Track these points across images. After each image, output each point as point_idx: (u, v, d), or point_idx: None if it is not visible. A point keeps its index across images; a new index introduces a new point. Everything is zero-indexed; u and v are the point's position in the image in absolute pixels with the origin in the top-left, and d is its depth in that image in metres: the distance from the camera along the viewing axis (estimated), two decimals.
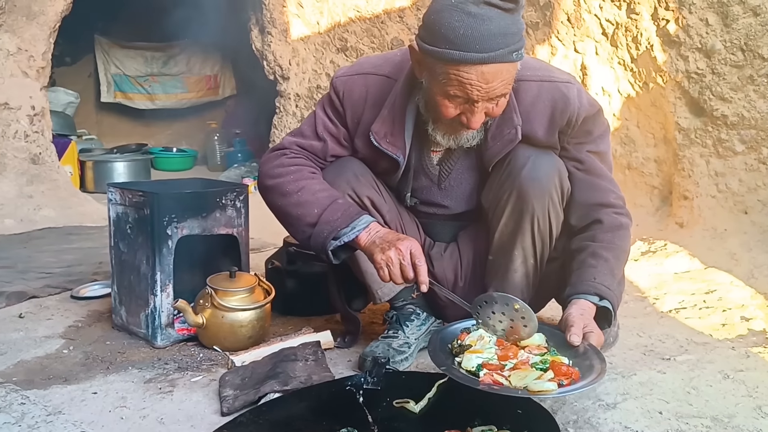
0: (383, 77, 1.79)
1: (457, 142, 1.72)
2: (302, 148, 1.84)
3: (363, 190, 1.82)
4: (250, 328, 2.04)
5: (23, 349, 2.05)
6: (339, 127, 1.83)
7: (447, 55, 1.47)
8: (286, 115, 5.07)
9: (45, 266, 3.06)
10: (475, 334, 1.57)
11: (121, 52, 7.96)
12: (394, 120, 1.75)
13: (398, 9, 4.13)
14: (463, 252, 1.93)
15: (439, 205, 1.90)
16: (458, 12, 1.44)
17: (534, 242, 1.77)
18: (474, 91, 1.50)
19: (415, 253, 1.60)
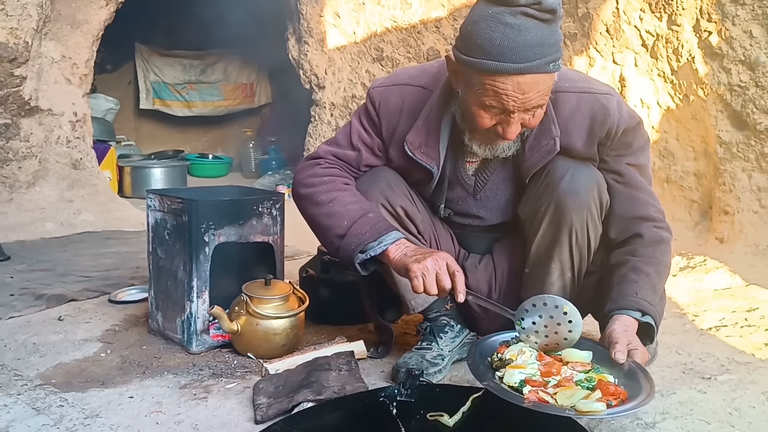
0: (419, 88, 1.79)
1: (493, 152, 1.71)
2: (337, 157, 1.85)
3: (396, 199, 1.82)
4: (283, 336, 2.05)
5: (62, 351, 2.08)
6: (374, 137, 1.84)
7: (483, 66, 1.47)
8: (321, 123, 5.11)
9: (84, 270, 3.11)
10: (516, 347, 1.55)
11: (160, 60, 8.10)
12: (429, 130, 1.75)
13: (435, 19, 4.13)
14: (498, 264, 1.92)
15: (474, 216, 1.90)
16: (495, 22, 1.44)
17: (572, 255, 1.75)
18: (510, 102, 1.49)
19: (451, 264, 1.59)
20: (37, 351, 2.08)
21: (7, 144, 3.89)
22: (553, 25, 1.46)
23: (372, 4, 4.47)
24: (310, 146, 5.24)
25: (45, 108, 4.02)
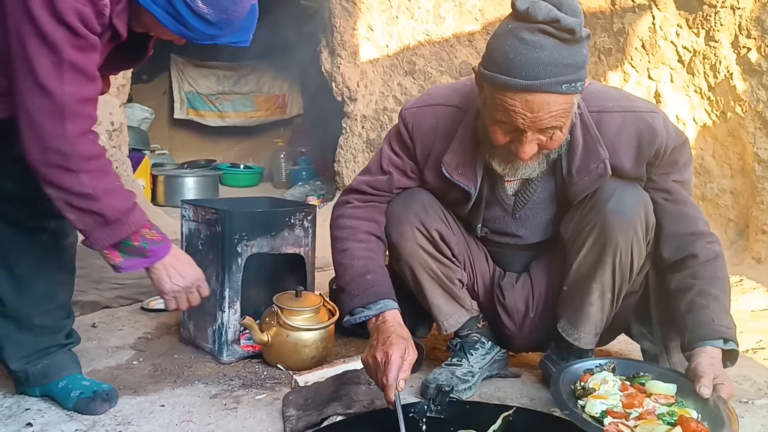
0: (453, 108, 1.79)
1: (515, 172, 1.69)
2: (370, 186, 1.85)
3: (431, 223, 1.81)
4: (313, 348, 2.05)
5: (95, 358, 2.11)
6: (405, 160, 1.83)
7: (494, 79, 1.47)
8: (352, 135, 5.13)
9: (117, 277, 3.15)
10: (599, 376, 1.56)
11: (195, 70, 8.23)
12: (466, 151, 1.73)
13: (467, 33, 4.13)
14: (536, 282, 1.90)
15: (512, 234, 1.87)
16: (511, 37, 1.44)
17: (614, 277, 1.73)
18: (518, 119, 1.48)
19: (388, 368, 1.47)
20: None
21: None
22: (574, 45, 1.44)
23: (405, 17, 4.49)
24: (341, 158, 5.27)
25: None
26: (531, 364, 2.15)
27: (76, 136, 1.40)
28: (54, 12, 1.30)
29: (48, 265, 1.75)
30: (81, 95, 1.39)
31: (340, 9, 4.97)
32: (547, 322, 1.89)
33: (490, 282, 1.96)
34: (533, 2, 1.41)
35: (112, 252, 1.52)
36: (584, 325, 1.80)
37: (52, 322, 1.78)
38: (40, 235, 1.72)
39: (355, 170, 5.09)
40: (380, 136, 4.87)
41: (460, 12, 4.14)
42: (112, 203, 1.46)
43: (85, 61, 1.38)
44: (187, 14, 1.40)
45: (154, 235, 1.56)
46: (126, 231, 1.49)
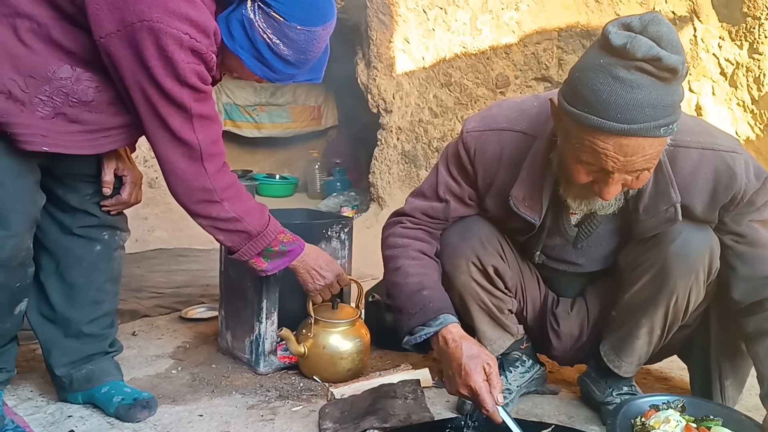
0: (520, 134, 1.66)
1: (590, 208, 1.61)
2: (423, 213, 1.78)
3: (488, 258, 1.76)
4: (349, 360, 2.06)
5: (135, 366, 2.15)
6: (464, 186, 1.73)
7: (583, 119, 1.33)
8: (387, 147, 5.15)
9: (156, 286, 3.21)
10: (663, 414, 1.50)
11: (232, 82, 8.34)
12: (534, 182, 1.62)
13: (504, 46, 4.12)
14: (591, 308, 1.86)
15: (571, 263, 1.81)
16: (604, 74, 1.30)
17: (666, 317, 1.68)
18: (609, 162, 1.36)
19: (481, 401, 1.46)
20: None
21: None
22: (672, 84, 1.31)
23: (442, 30, 4.50)
24: (376, 169, 5.28)
25: None
26: (569, 380, 2.12)
27: (214, 173, 1.60)
28: (177, 77, 1.45)
29: (98, 275, 1.79)
30: (211, 138, 1.58)
31: (377, 22, 5.00)
32: (593, 343, 1.87)
33: (541, 306, 1.92)
34: (631, 37, 1.28)
35: (257, 260, 1.78)
36: (627, 356, 1.77)
37: (98, 331, 1.82)
38: (94, 246, 1.77)
39: (390, 182, 5.10)
40: (415, 147, 4.87)
41: (497, 24, 4.13)
42: (253, 220, 1.71)
43: (208, 108, 1.55)
44: (271, 57, 1.53)
45: (288, 238, 1.82)
46: (267, 240, 1.75)
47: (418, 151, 4.78)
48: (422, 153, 4.80)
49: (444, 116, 4.59)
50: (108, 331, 1.85)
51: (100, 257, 1.78)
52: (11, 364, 1.68)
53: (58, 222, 1.73)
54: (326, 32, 1.57)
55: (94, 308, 1.80)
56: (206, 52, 1.47)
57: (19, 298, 1.58)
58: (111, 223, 1.79)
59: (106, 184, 1.72)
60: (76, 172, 1.69)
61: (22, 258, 1.52)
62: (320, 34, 1.54)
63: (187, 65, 1.45)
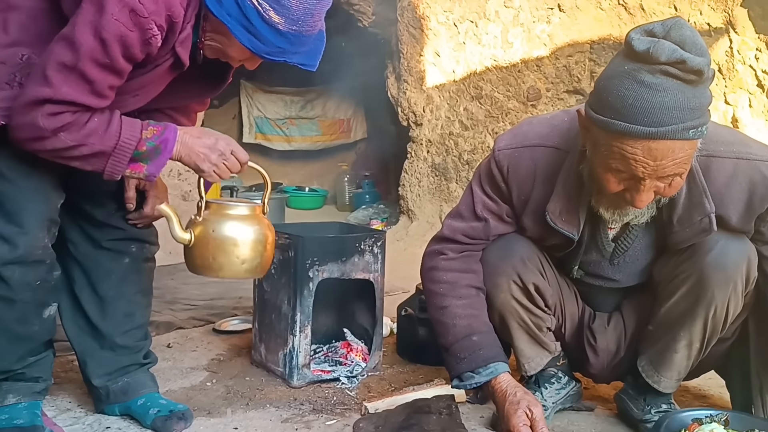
0: (552, 149, 1.66)
1: (623, 218, 1.60)
2: (465, 235, 1.77)
3: (529, 276, 1.75)
4: (245, 250, 1.66)
5: (171, 378, 2.17)
6: (500, 204, 1.73)
7: (611, 125, 1.35)
8: (417, 160, 5.15)
9: (190, 298, 3.24)
10: (707, 427, 1.49)
11: (263, 96, 8.45)
12: (569, 196, 1.63)
13: (536, 58, 4.11)
14: (628, 323, 1.84)
15: (607, 278, 1.79)
16: (630, 80, 1.33)
17: (704, 329, 1.65)
18: (639, 168, 1.37)
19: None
20: None
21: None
22: (699, 86, 1.33)
23: (473, 43, 4.51)
24: (405, 182, 5.29)
25: None
26: (604, 397, 2.09)
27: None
28: (96, 28, 1.32)
29: (128, 287, 1.81)
30: (74, 98, 1.38)
31: (408, 36, 5.03)
32: (630, 359, 1.84)
33: (579, 322, 1.90)
34: (654, 42, 1.31)
35: (134, 168, 1.51)
36: (666, 371, 1.74)
37: (132, 343, 1.84)
38: (122, 258, 1.79)
39: (420, 195, 5.10)
40: (445, 160, 4.87)
41: (529, 37, 4.12)
42: (99, 140, 1.45)
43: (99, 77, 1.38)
44: (260, 24, 1.41)
45: (152, 132, 1.52)
46: (128, 148, 1.48)
47: (448, 163, 4.78)
48: (452, 166, 4.79)
49: (474, 129, 4.59)
50: (142, 343, 1.87)
51: (129, 270, 1.80)
52: (47, 373, 1.71)
53: (88, 236, 1.76)
54: (321, 7, 1.47)
55: (126, 320, 1.82)
56: (147, 17, 1.33)
57: (44, 300, 1.59)
58: (138, 236, 1.81)
59: (128, 200, 1.73)
60: (100, 188, 1.70)
61: (39, 256, 1.54)
62: (315, 7, 1.45)
63: (116, 22, 1.32)
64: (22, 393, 1.66)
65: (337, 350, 2.30)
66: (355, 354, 2.26)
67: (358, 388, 2.12)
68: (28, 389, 1.67)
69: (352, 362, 2.23)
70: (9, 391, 1.65)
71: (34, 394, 1.66)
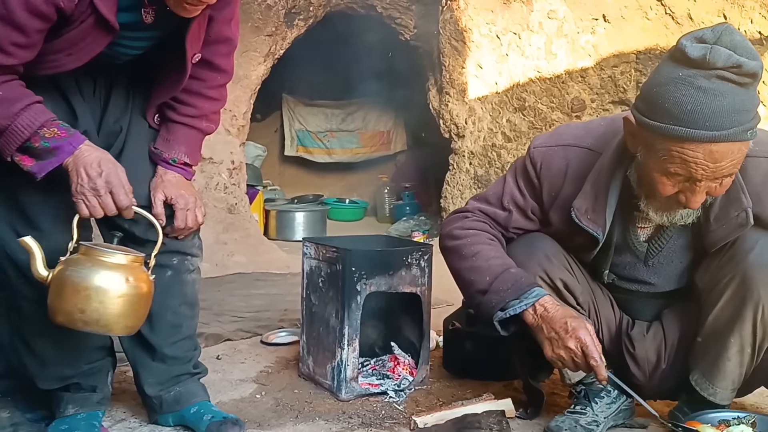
0: (585, 150, 1.72)
1: (671, 219, 1.61)
2: (485, 214, 1.83)
3: (555, 272, 1.76)
4: (102, 301, 1.45)
5: (221, 390, 2.19)
6: (528, 199, 1.79)
7: (671, 132, 1.39)
8: (459, 172, 5.15)
9: (236, 310, 3.29)
10: (735, 429, 1.47)
11: (305, 109, 8.55)
12: (597, 195, 1.66)
13: (580, 69, 4.08)
14: (668, 332, 1.81)
15: (643, 282, 1.79)
16: (686, 86, 1.37)
17: (754, 332, 1.62)
18: (699, 171, 1.41)
19: (588, 352, 1.56)
20: None
21: None
22: (750, 88, 1.38)
23: (516, 55, 4.50)
24: (448, 194, 5.29)
25: (207, 156, 4.35)
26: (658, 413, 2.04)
27: None
28: None
29: (172, 299, 1.82)
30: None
31: (450, 48, 5.04)
32: (678, 372, 1.80)
33: (617, 330, 1.88)
34: (708, 48, 1.35)
35: (23, 159, 1.47)
36: (720, 381, 1.70)
37: (181, 353, 1.87)
38: (165, 271, 1.79)
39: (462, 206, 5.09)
40: (488, 172, 4.85)
41: (573, 48, 4.10)
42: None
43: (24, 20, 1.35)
44: None
45: (55, 133, 1.46)
46: (21, 136, 1.43)
47: (491, 175, 4.76)
48: (495, 177, 4.77)
49: (518, 141, 4.57)
50: (191, 354, 1.89)
51: (172, 282, 1.81)
52: (104, 383, 1.74)
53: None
54: None
55: (174, 332, 1.84)
56: None
57: None
58: (179, 248, 1.80)
59: (157, 216, 1.68)
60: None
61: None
62: None
63: None
64: (80, 404, 1.70)
65: (384, 364, 2.30)
66: (402, 368, 2.26)
67: (406, 402, 2.11)
68: (86, 400, 1.71)
69: (399, 376, 2.23)
70: (69, 402, 1.69)
71: (93, 405, 1.71)
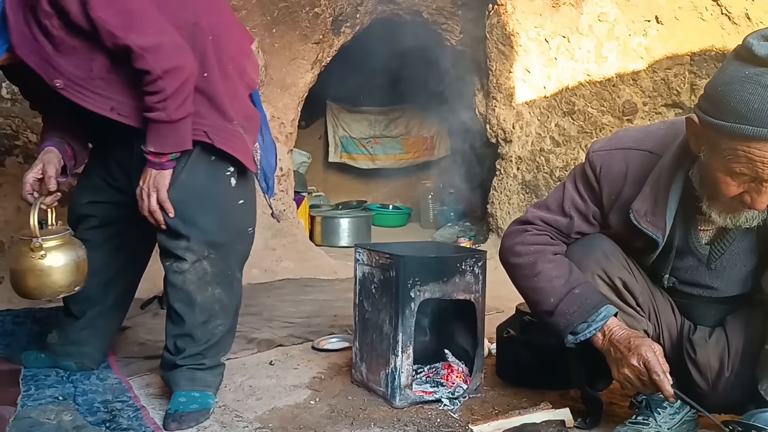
0: (645, 152, 1.71)
1: (735, 221, 1.58)
2: (546, 222, 1.82)
3: (614, 270, 1.74)
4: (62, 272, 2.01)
5: (276, 396, 2.21)
6: (589, 204, 1.78)
7: (737, 131, 1.37)
8: (506, 177, 5.09)
9: (287, 315, 3.31)
10: None
11: (348, 116, 8.60)
12: (657, 198, 1.65)
13: (632, 72, 4.00)
14: (732, 339, 1.76)
15: (705, 286, 1.76)
16: (752, 84, 1.35)
17: None
18: (766, 170, 1.38)
19: (650, 367, 1.56)
20: (254, 394, 2.22)
21: None
22: None
23: (565, 58, 4.43)
24: (495, 199, 5.24)
25: None
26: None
27: None
28: None
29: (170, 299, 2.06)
30: None
31: (497, 53, 5.00)
32: (744, 383, 1.74)
33: (678, 335, 1.84)
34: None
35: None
36: None
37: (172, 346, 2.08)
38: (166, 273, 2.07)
39: (510, 212, 5.03)
40: (536, 177, 4.79)
41: (624, 51, 4.02)
42: None
43: None
44: None
45: None
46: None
47: (539, 180, 4.70)
48: (544, 183, 4.71)
49: (567, 145, 4.50)
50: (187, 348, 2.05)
51: (167, 283, 2.05)
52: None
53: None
54: None
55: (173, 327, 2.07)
56: None
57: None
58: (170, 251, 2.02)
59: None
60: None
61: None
62: None
63: None
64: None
65: (438, 371, 2.28)
66: (456, 375, 2.24)
67: (461, 411, 2.09)
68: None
69: (453, 383, 2.20)
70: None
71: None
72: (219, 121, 1.98)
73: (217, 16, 2.06)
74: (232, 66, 2.04)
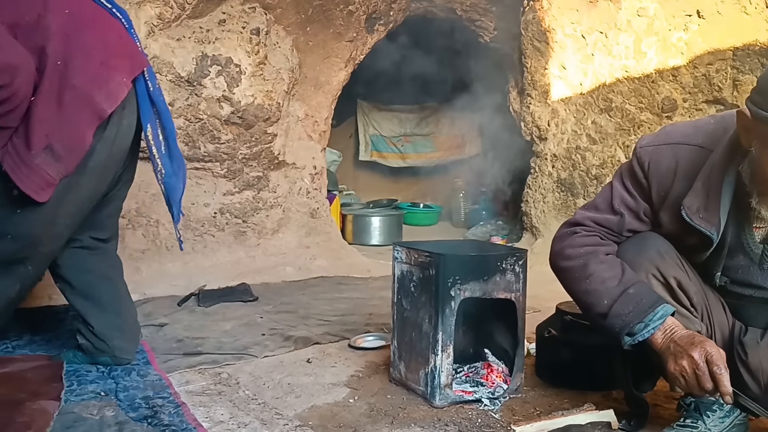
0: (695, 147, 1.66)
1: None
2: (596, 223, 1.78)
3: (668, 269, 1.70)
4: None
5: (314, 394, 2.20)
6: (639, 201, 1.74)
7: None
8: (541, 175, 5.03)
9: (322, 313, 3.30)
10: None
11: (379, 114, 8.58)
12: (709, 193, 1.60)
13: (671, 68, 3.92)
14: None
15: (757, 287, 1.70)
16: None
17: None
18: None
19: (712, 360, 1.49)
20: (293, 391, 2.22)
21: (258, 194, 4.32)
22: None
23: (602, 54, 4.36)
24: (529, 198, 5.18)
25: (290, 162, 4.43)
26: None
27: None
28: None
29: None
30: None
31: (532, 49, 4.94)
32: None
33: (729, 336, 1.79)
34: None
35: None
36: None
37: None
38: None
39: (545, 210, 4.98)
40: (572, 175, 4.73)
41: (664, 46, 3.94)
42: None
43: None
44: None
45: None
46: None
47: (575, 179, 4.63)
48: (579, 181, 4.64)
49: (603, 142, 4.43)
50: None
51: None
52: None
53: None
54: None
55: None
56: None
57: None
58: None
59: None
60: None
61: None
62: None
63: None
64: None
65: (478, 371, 2.26)
66: (496, 375, 2.21)
67: (502, 411, 2.06)
68: None
69: (493, 383, 2.18)
70: None
71: None
72: (21, 147, 1.95)
73: (78, 41, 2.02)
74: (73, 95, 1.99)
